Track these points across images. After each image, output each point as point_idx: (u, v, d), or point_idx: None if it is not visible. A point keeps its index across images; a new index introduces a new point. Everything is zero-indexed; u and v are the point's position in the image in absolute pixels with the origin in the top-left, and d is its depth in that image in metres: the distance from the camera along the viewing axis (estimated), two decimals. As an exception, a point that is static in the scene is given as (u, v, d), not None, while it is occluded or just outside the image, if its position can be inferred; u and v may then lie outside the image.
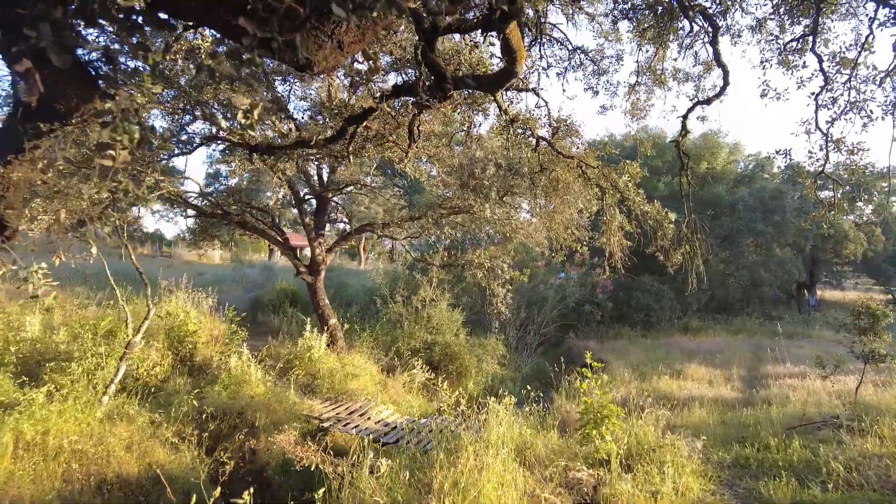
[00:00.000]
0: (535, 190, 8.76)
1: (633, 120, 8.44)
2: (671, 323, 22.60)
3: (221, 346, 12.43)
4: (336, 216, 16.78)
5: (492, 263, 11.20)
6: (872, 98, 5.29)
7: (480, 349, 14.15)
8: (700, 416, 9.40)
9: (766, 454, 6.70)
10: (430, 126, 9.04)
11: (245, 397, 9.40)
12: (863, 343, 8.29)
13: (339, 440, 9.32)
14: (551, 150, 7.50)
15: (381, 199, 19.04)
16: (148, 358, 10.54)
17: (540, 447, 6.02)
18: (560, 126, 7.21)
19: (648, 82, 8.11)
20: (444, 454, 5.42)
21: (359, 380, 11.34)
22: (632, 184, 6.99)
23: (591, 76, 8.37)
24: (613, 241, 7.85)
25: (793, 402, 9.78)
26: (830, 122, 5.46)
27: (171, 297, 12.60)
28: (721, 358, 16.20)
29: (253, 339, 14.59)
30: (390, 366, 13.10)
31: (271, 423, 8.84)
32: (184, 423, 8.37)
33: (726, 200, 24.17)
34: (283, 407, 9.21)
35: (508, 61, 5.40)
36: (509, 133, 6.97)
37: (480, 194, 10.99)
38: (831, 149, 5.32)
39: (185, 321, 11.71)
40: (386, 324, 14.79)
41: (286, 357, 11.71)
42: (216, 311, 14.06)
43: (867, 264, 34.40)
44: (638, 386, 12.36)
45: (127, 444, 7.06)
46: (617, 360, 16.34)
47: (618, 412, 5.50)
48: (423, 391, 12.95)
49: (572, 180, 8.13)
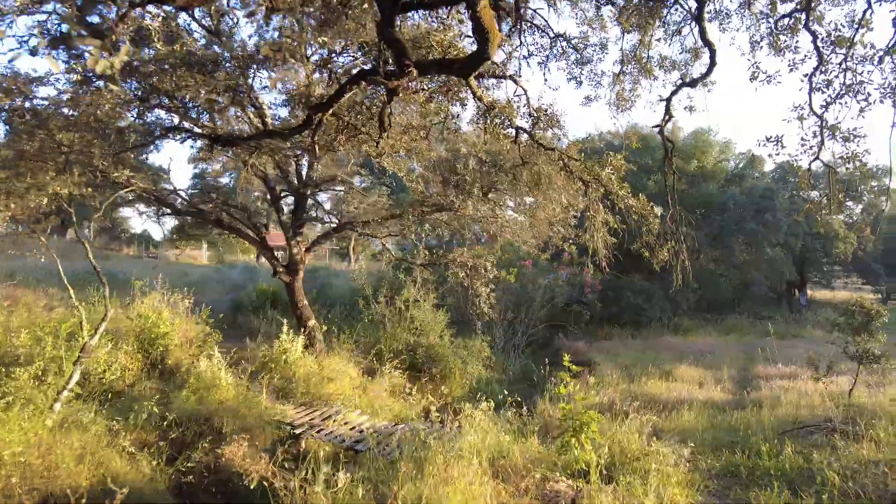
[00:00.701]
0: (516, 185, 8.37)
1: (618, 111, 8.10)
2: (661, 323, 22.31)
3: (196, 349, 11.97)
4: (319, 215, 16.30)
5: (475, 262, 10.81)
6: (870, 80, 4.97)
7: (465, 351, 13.75)
8: (689, 419, 9.05)
9: (758, 461, 6.35)
10: (406, 118, 8.66)
11: (214, 402, 8.96)
12: (856, 343, 7.97)
13: (312, 447, 8.89)
14: (532, 141, 7.13)
15: (372, 198, 18.61)
16: (116, 361, 10.09)
17: (517, 456, 5.64)
18: (540, 116, 6.83)
19: (634, 71, 7.76)
20: (411, 464, 5.03)
21: (336, 383, 10.92)
22: (615, 177, 6.62)
23: (574, 65, 8.00)
24: (597, 238, 7.48)
25: (784, 404, 9.45)
26: (825, 107, 5.11)
27: (145, 298, 12.14)
28: (711, 358, 15.91)
29: (231, 341, 14.12)
30: (371, 368, 12.68)
31: (240, 429, 8.40)
32: (146, 431, 7.93)
33: (717, 199, 23.94)
34: (254, 412, 8.77)
35: (480, 42, 5.00)
36: (486, 122, 6.59)
37: (462, 190, 10.62)
38: (826, 136, 4.97)
39: (156, 323, 11.27)
40: (368, 325, 14.37)
41: (261, 360, 11.27)
42: (193, 312, 13.64)
43: (857, 264, 34.37)
44: (626, 388, 12.01)
45: (79, 455, 6.59)
46: (606, 361, 16.01)
47: (598, 419, 5.12)
48: (404, 394, 12.54)
49: (555, 174, 7.76)
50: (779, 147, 5.40)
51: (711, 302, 25.79)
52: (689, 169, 24.66)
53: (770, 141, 5.40)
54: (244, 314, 16.73)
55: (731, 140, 26.24)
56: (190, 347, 12.09)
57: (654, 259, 6.75)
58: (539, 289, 19.03)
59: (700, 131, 25.11)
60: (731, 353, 17.21)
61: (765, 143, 5.43)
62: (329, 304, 17.70)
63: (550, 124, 7.16)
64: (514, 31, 7.45)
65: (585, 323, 20.95)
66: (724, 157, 26.62)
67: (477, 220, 12.08)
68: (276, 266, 12.29)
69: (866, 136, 4.98)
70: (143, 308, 11.52)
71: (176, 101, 6.64)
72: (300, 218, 12.43)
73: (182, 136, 7.16)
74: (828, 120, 5.03)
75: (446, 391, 13.33)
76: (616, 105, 8.08)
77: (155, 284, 12.94)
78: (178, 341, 11.92)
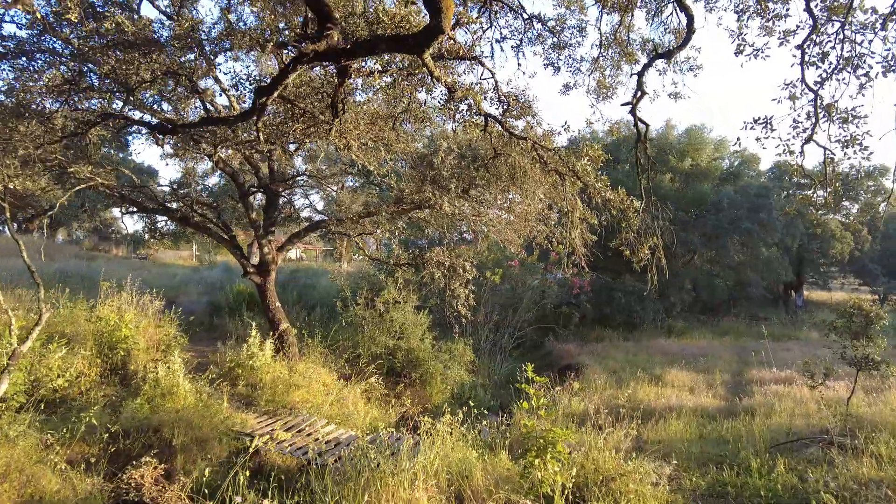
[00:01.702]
0: (490, 179, 7.82)
1: (598, 99, 7.52)
2: (654, 325, 21.75)
3: (162, 354, 11.39)
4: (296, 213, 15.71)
5: (452, 262, 10.23)
6: (871, 52, 4.37)
7: (446, 355, 13.17)
8: (676, 429, 8.49)
9: (747, 479, 5.78)
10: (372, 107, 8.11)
11: (169, 411, 8.36)
12: (855, 348, 7.41)
13: (274, 460, 8.30)
14: (503, 130, 6.56)
15: (362, 197, 17.99)
16: (71, 367, 9.50)
17: (479, 477, 5.05)
18: (511, 102, 6.25)
19: (615, 56, 7.20)
20: (356, 488, 4.45)
21: (305, 390, 10.33)
22: (591, 168, 6.05)
23: (551, 50, 7.44)
24: (575, 235, 6.90)
25: (778, 412, 8.91)
26: (820, 83, 4.53)
27: (108, 300, 11.56)
28: (704, 362, 15.36)
29: (204, 344, 13.57)
30: (348, 374, 12.09)
31: (194, 440, 7.80)
32: (88, 443, 7.33)
33: (711, 198, 23.41)
34: (210, 422, 8.16)
35: (432, 14, 4.45)
36: (451, 107, 6.01)
37: (438, 186, 10.06)
38: (821, 116, 4.39)
39: (117, 326, 10.68)
40: (346, 328, 13.78)
41: (227, 365, 10.68)
42: (165, 314, 13.08)
43: (853, 264, 33.94)
44: (613, 394, 11.44)
45: (3, 473, 6.00)
46: (595, 365, 15.45)
47: (566, 436, 4.55)
48: (382, 401, 11.97)
49: (530, 167, 7.19)
50: (768, 130, 4.81)
51: (706, 303, 25.27)
52: (682, 167, 24.14)
53: (758, 123, 4.79)
54: (220, 316, 16.13)
55: (725, 138, 25.73)
56: (156, 352, 11.53)
57: (634, 258, 6.18)
58: (529, 290, 18.47)
59: (694, 129, 24.59)
60: (726, 356, 16.68)
61: (752, 125, 4.82)
62: (311, 307, 17.11)
63: (523, 112, 6.58)
64: (484, 11, 6.88)
65: (575, 325, 20.38)
66: (719, 155, 26.11)
67: (459, 218, 11.52)
68: (246, 266, 11.70)
69: (867, 117, 4.43)
70: (105, 310, 10.95)
71: (113, 85, 6.05)
72: (272, 216, 11.84)
73: (119, 125, 6.57)
74: (823, 98, 4.46)
75: (428, 397, 12.78)
76: (596, 93, 7.51)
77: (125, 285, 12.39)
78: (143, 345, 11.35)
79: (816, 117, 4.39)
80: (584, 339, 20.27)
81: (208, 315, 17.00)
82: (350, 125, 7.44)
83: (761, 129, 4.74)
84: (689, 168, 24.33)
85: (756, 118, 4.75)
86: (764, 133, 4.69)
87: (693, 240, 22.48)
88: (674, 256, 23.22)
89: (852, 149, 4.32)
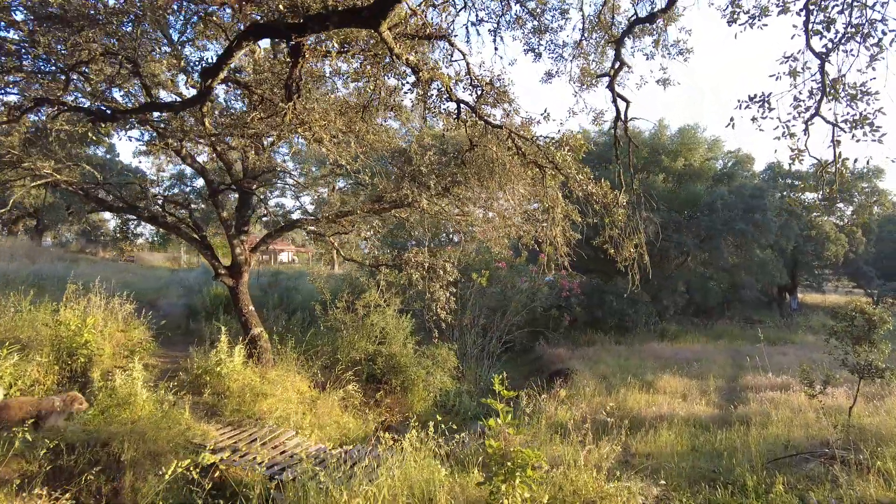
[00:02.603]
0: (466, 173, 7.31)
1: (582, 88, 7.01)
2: (647, 328, 21.27)
3: (127, 360, 10.79)
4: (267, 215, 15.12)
5: (432, 263, 9.70)
6: (884, 18, 3.81)
7: (429, 360, 12.60)
8: (667, 440, 7.96)
9: (742, 500, 5.25)
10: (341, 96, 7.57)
11: (123, 422, 7.76)
12: (857, 354, 6.89)
13: (237, 475, 7.71)
14: (476, 117, 6.03)
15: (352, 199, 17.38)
16: (25, 374, 8.93)
17: (443, 502, 4.50)
18: (485, 87, 5.73)
19: (599, 40, 6.70)
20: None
21: (276, 398, 9.74)
22: (572, 158, 5.54)
23: (531, 35, 6.92)
24: (556, 232, 6.38)
25: (775, 421, 8.39)
26: (825, 54, 4.00)
27: (71, 303, 10.98)
28: (698, 367, 14.86)
29: (179, 349, 12.95)
30: (324, 381, 11.51)
31: (147, 455, 7.20)
32: (27, 460, 6.73)
33: (704, 199, 22.97)
34: (167, 434, 7.57)
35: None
36: (420, 92, 5.48)
37: (417, 183, 9.53)
38: (828, 90, 3.86)
39: (78, 331, 10.10)
40: (326, 332, 13.19)
41: (194, 372, 10.10)
42: (135, 318, 12.51)
43: (848, 266, 33.62)
44: (602, 401, 10.91)
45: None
46: (585, 370, 14.92)
47: (537, 458, 4.00)
48: (360, 409, 11.39)
49: (509, 159, 6.66)
50: (765, 109, 4.27)
51: (700, 306, 24.82)
52: (675, 168, 23.71)
53: (754, 102, 4.24)
54: (197, 320, 15.53)
55: (719, 138, 25.30)
56: (122, 358, 10.96)
57: (618, 256, 5.66)
58: (519, 292, 17.92)
59: (686, 128, 24.17)
60: (720, 360, 16.19)
61: (747, 104, 4.27)
62: (292, 310, 16.52)
63: (499, 99, 6.05)
64: (457, -11, 6.37)
65: (566, 328, 19.87)
66: (713, 155, 25.71)
67: (444, 218, 11.01)
68: (217, 268, 11.14)
69: (878, 94, 3.90)
70: (66, 314, 10.37)
71: (48, 65, 5.50)
72: (245, 215, 11.27)
73: (55, 111, 6.00)
74: (828, 73, 3.95)
75: (409, 404, 12.20)
76: (580, 81, 7.00)
77: (93, 288, 11.82)
78: (109, 351, 10.78)
79: (823, 87, 3.86)
80: (575, 342, 19.76)
81: (185, 318, 16.41)
82: (317, 115, 6.92)
83: (758, 108, 4.20)
84: (682, 168, 23.91)
85: (752, 96, 4.19)
86: (761, 112, 4.16)
87: (686, 241, 22.03)
88: (665, 258, 22.78)
89: (861, 130, 3.80)
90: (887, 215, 35.98)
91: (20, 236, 39.60)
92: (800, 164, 4.05)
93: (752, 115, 4.19)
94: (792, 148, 4.05)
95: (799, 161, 4.04)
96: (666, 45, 6.27)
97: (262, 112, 6.44)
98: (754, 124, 4.19)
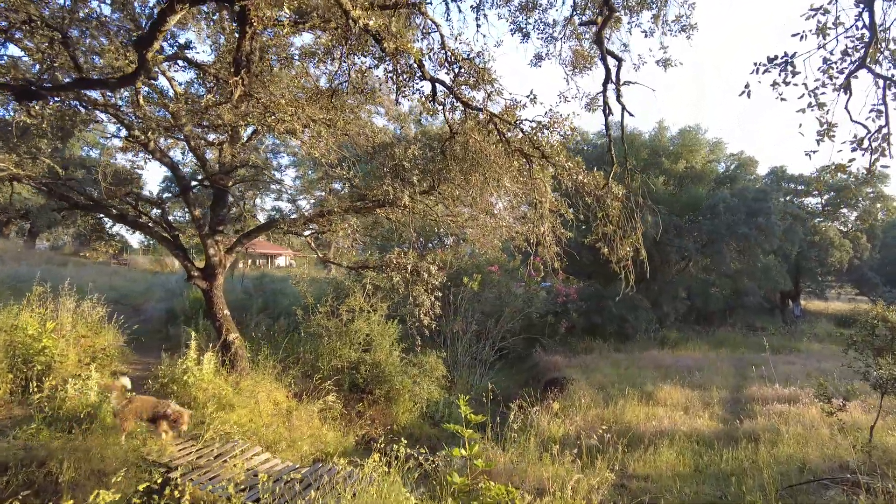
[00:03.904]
0: (447, 164, 6.67)
1: (574, 72, 6.37)
2: (647, 335, 20.54)
3: (92, 368, 10.10)
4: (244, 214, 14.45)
5: (415, 265, 9.03)
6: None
7: (415, 369, 11.90)
8: (668, 459, 7.26)
9: (756, 537, 4.56)
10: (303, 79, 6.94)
11: (72, 437, 7.08)
12: (880, 367, 6.19)
13: (196, 496, 7.00)
14: (455, 101, 5.38)
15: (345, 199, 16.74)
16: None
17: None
18: (461, 63, 5.07)
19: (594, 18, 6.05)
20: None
21: (248, 409, 9.04)
22: (560, 145, 4.88)
23: (518, 12, 6.28)
24: (545, 229, 5.71)
25: (786, 439, 7.69)
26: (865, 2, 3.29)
27: (41, 305, 10.35)
28: (700, 376, 14.16)
29: (154, 355, 12.28)
30: (303, 390, 10.82)
31: (91, 474, 6.51)
32: (-48, 482, 6.04)
33: (706, 202, 22.30)
34: (116, 451, 6.88)
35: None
36: (386, 68, 4.83)
37: (400, 179, 8.89)
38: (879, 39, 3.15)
39: (37, 336, 9.43)
40: (309, 338, 12.50)
41: (161, 381, 9.41)
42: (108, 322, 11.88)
43: (852, 273, 32.92)
44: (598, 414, 10.22)
45: None
46: (582, 379, 14.21)
47: (509, 497, 3.31)
48: (341, 421, 10.68)
49: (493, 149, 6.00)
50: (788, 73, 3.59)
51: (701, 312, 24.11)
52: (676, 170, 23.07)
53: (775, 64, 3.55)
54: (177, 324, 14.86)
55: (721, 140, 24.65)
56: (87, 366, 10.28)
57: (613, 256, 4.98)
58: (514, 298, 17.23)
59: (688, 130, 23.54)
60: (723, 369, 15.48)
61: (766, 66, 3.58)
62: (276, 315, 15.85)
63: (480, 78, 5.40)
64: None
65: (561, 336, 19.15)
66: (714, 157, 25.07)
67: (431, 217, 10.34)
68: (190, 270, 10.48)
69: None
70: (25, 318, 9.70)
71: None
72: (219, 214, 10.61)
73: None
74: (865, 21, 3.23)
75: (393, 416, 11.48)
76: (573, 64, 6.35)
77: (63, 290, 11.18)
78: (73, 358, 10.10)
79: (873, 28, 3.14)
80: (573, 350, 19.05)
81: (166, 323, 15.77)
82: (283, 101, 6.28)
83: (779, 71, 3.53)
84: (684, 171, 23.26)
85: (772, 57, 3.51)
86: (783, 77, 3.49)
87: (688, 246, 21.35)
88: (666, 263, 22.08)
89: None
90: (892, 221, 35.31)
91: (13, 239, 38.99)
92: (830, 140, 3.38)
93: (772, 79, 3.53)
94: (821, 121, 3.39)
95: (829, 137, 3.37)
96: (666, 20, 5.64)
97: (216, 95, 5.79)
98: (775, 91, 3.53)
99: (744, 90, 3.63)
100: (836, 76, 3.40)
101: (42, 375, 9.22)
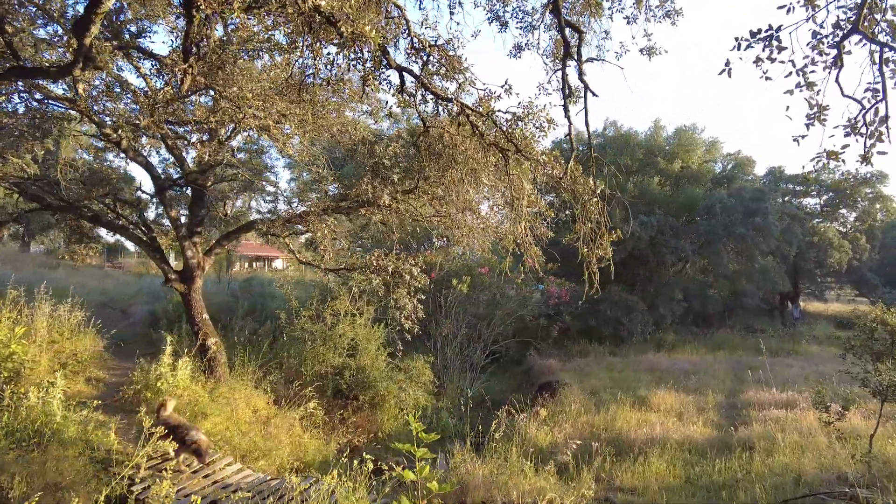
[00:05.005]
0: (421, 159, 6.35)
1: (555, 64, 6.04)
2: (643, 338, 20.18)
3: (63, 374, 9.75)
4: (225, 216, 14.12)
5: (397, 266, 8.70)
6: None
7: (401, 374, 11.55)
8: (658, 469, 6.92)
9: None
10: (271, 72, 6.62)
11: (29, 449, 6.74)
12: (879, 373, 5.86)
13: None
14: (424, 91, 5.06)
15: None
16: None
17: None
18: (429, 50, 4.75)
19: (577, 6, 5.74)
20: None
21: (224, 417, 8.72)
22: (533, 139, 4.57)
23: (496, 1, 5.96)
24: (521, 228, 5.38)
25: (782, 447, 7.35)
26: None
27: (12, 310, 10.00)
28: (696, 380, 13.81)
29: (133, 360, 12.00)
30: (283, 396, 10.47)
31: (48, 488, 6.17)
32: None
33: (703, 202, 21.98)
34: (75, 463, 6.54)
35: None
36: (344, 53, 4.51)
37: (380, 177, 8.57)
38: (863, 3, 2.82)
39: (6, 341, 9.10)
40: (293, 343, 12.15)
41: (134, 387, 9.09)
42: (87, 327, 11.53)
43: (851, 274, 32.58)
44: (589, 421, 9.87)
45: None
46: (575, 383, 13.86)
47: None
48: (324, 429, 10.33)
49: (468, 143, 5.68)
50: (773, 48, 3.25)
51: (699, 314, 23.75)
52: (672, 170, 22.76)
53: (758, 39, 3.20)
54: (160, 328, 14.52)
55: (717, 139, 24.36)
56: (56, 373, 9.93)
57: (592, 257, 4.66)
58: (508, 300, 16.88)
59: (683, 129, 23.23)
60: (720, 372, 15.13)
61: (748, 41, 3.22)
62: (263, 319, 15.49)
63: (451, 68, 5.07)
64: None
65: (557, 338, 18.79)
66: (711, 157, 24.76)
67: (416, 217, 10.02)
68: (167, 273, 10.16)
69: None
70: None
71: None
72: (198, 215, 10.29)
73: None
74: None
75: (378, 423, 11.12)
76: (554, 55, 6.03)
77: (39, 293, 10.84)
78: (45, 364, 9.77)
79: (862, 7, 2.81)
80: (567, 353, 18.71)
81: (148, 327, 15.43)
82: (250, 95, 5.97)
83: (763, 46, 3.19)
84: (680, 171, 22.95)
85: (755, 31, 3.17)
86: (767, 52, 3.16)
87: (684, 247, 21.02)
88: (662, 264, 21.75)
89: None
90: (892, 221, 34.99)
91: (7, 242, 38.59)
92: (821, 124, 3.04)
93: (755, 55, 3.20)
94: (811, 103, 3.07)
95: (820, 121, 3.05)
96: (650, 5, 5.32)
97: (174, 88, 5.46)
98: (758, 69, 3.20)
99: (724, 68, 3.30)
100: (826, 52, 3.08)
101: (9, 382, 8.89)
